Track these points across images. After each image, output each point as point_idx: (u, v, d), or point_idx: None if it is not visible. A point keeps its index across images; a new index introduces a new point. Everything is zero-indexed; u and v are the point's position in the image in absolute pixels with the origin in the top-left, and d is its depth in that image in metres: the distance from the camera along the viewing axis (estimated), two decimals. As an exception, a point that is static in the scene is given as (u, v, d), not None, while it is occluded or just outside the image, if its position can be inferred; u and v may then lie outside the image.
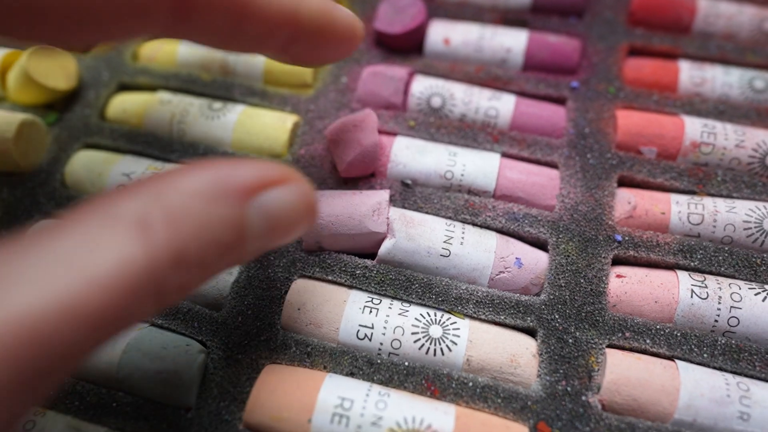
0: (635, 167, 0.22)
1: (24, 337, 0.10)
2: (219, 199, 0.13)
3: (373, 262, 0.20)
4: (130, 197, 0.12)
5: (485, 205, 0.21)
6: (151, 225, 0.12)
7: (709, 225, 0.20)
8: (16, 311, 0.10)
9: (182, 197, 0.12)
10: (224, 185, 0.13)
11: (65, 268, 0.11)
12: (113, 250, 0.11)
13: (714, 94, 0.24)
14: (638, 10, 0.26)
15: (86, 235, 0.11)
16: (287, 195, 0.14)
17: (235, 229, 0.13)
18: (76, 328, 0.11)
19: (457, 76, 0.25)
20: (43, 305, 0.10)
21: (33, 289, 0.10)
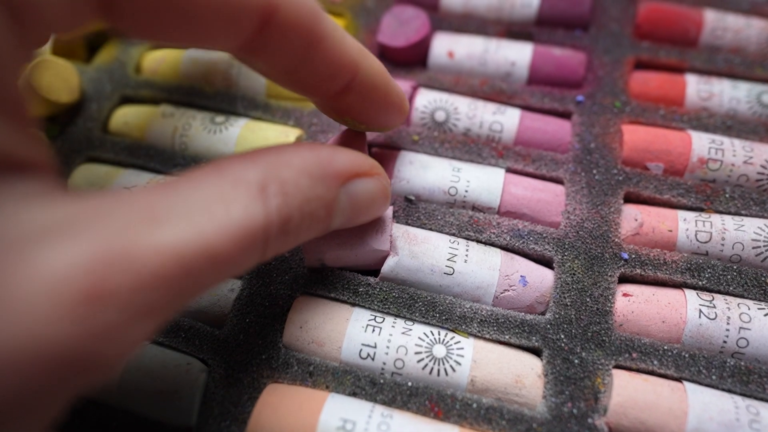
0: (642, 183, 0.22)
1: (171, 266, 0.12)
2: (321, 179, 0.15)
3: (376, 280, 0.20)
4: (252, 164, 0.14)
5: (489, 222, 0.21)
6: (269, 192, 0.14)
7: (717, 243, 0.20)
8: (168, 242, 0.12)
9: (293, 173, 0.15)
10: (325, 168, 0.15)
11: (206, 215, 0.13)
12: (241, 207, 0.13)
13: (722, 109, 0.23)
14: (644, 23, 0.26)
15: (219, 191, 0.13)
16: (372, 186, 0.17)
17: (328, 208, 0.16)
18: (207, 267, 0.12)
19: (461, 89, 0.24)
20: (189, 242, 0.12)
21: (180, 228, 0.12)
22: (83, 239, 0.11)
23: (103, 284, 0.11)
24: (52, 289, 0.10)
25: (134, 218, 0.12)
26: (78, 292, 0.10)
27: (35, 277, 0.10)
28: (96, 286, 0.11)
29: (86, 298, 0.11)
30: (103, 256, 0.11)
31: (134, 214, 0.12)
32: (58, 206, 0.12)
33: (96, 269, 0.11)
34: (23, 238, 0.11)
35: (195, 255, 0.12)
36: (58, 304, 0.10)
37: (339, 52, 0.17)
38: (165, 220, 0.12)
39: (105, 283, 0.11)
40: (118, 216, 0.12)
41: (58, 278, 0.10)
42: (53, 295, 0.10)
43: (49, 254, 0.11)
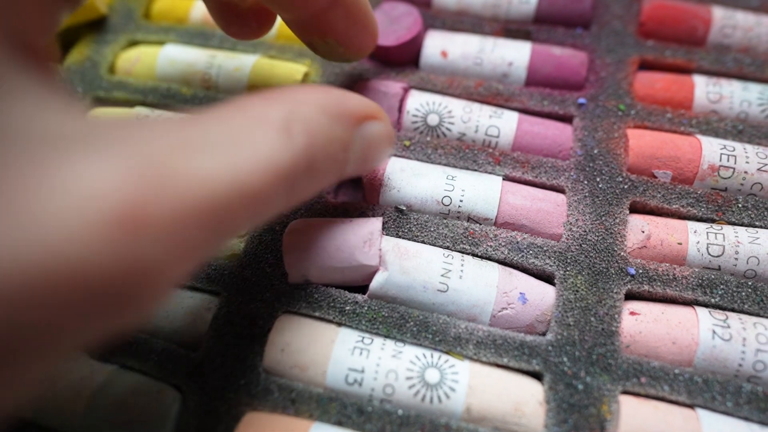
0: (648, 192, 0.20)
1: (209, 198, 0.11)
2: (338, 119, 0.15)
3: (364, 297, 0.19)
4: (275, 103, 0.14)
5: (486, 234, 0.20)
6: (294, 131, 0.13)
7: (730, 257, 0.19)
8: (205, 172, 0.11)
9: (313, 111, 0.14)
10: (342, 108, 0.15)
11: (235, 150, 0.12)
12: (268, 145, 0.13)
13: (732, 112, 0.22)
14: (649, 21, 0.24)
15: (245, 127, 0.13)
16: (381, 129, 0.17)
17: (345, 149, 0.15)
18: (241, 203, 0.12)
19: (456, 91, 0.23)
20: (224, 174, 0.11)
21: (215, 159, 0.11)
22: (114, 156, 0.10)
23: (140, 210, 0.10)
24: (83, 206, 0.09)
25: (169, 145, 0.11)
26: (112, 215, 0.09)
27: (63, 190, 0.09)
28: (132, 211, 0.10)
29: (121, 223, 0.09)
30: (139, 178, 0.10)
31: (168, 139, 0.11)
32: (77, 118, 0.10)
33: (131, 192, 0.10)
34: (41, 144, 0.10)
35: (229, 190, 0.11)
36: (91, 225, 0.09)
37: None
38: (199, 150, 0.11)
39: (142, 210, 0.10)
40: (149, 138, 0.11)
41: (89, 195, 0.09)
42: (85, 214, 0.09)
43: (77, 166, 0.09)
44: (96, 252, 0.09)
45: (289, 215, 0.21)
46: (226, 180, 0.11)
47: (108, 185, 0.10)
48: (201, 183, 0.11)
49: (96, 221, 0.09)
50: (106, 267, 0.09)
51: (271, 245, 0.20)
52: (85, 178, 0.09)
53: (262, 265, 0.20)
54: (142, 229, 0.10)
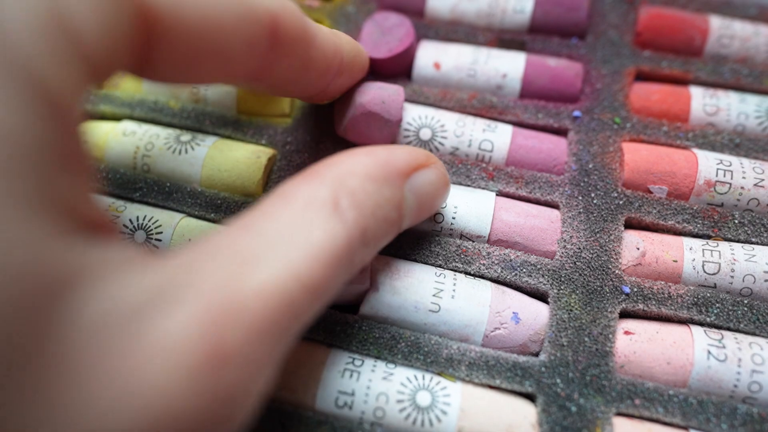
0: (644, 208, 0.20)
1: (276, 307, 0.12)
2: (385, 181, 0.15)
3: (354, 317, 0.19)
4: (318, 183, 0.14)
5: (479, 252, 0.20)
6: (343, 206, 0.14)
7: (726, 275, 0.19)
8: (266, 283, 0.12)
9: (359, 181, 0.15)
10: (387, 168, 0.16)
11: (290, 247, 0.13)
12: (321, 229, 0.13)
13: (729, 125, 0.22)
14: (646, 31, 0.24)
15: (294, 218, 0.13)
16: (432, 176, 0.17)
17: (398, 207, 0.16)
18: (305, 298, 0.12)
19: (449, 104, 0.23)
20: (284, 278, 0.12)
21: (272, 266, 0.12)
22: (189, 301, 0.11)
23: (220, 343, 0.11)
24: (170, 357, 0.10)
25: (227, 268, 0.12)
26: (198, 356, 0.11)
27: (152, 348, 0.10)
28: (214, 346, 0.11)
29: (207, 361, 0.11)
30: (213, 315, 0.11)
31: (226, 263, 0.12)
32: (149, 271, 0.11)
33: (210, 329, 0.11)
34: (131, 311, 0.11)
35: (293, 289, 0.12)
36: (180, 371, 0.10)
37: (326, 43, 0.17)
38: (255, 261, 0.12)
39: (222, 342, 0.11)
40: (212, 269, 0.12)
41: (175, 345, 0.10)
42: (173, 363, 0.10)
43: (161, 322, 0.11)
44: (189, 396, 0.10)
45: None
46: (289, 282, 0.12)
47: (189, 333, 0.11)
48: (266, 295, 0.12)
49: (184, 368, 0.10)
50: (201, 405, 0.11)
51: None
52: (170, 332, 0.11)
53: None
54: (225, 359, 0.11)
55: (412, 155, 0.17)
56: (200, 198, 0.21)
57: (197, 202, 0.21)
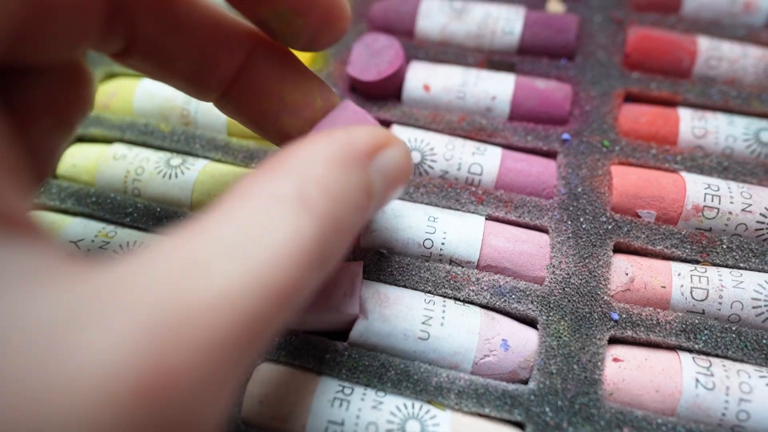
0: (632, 233, 0.21)
1: (230, 321, 0.10)
2: (351, 165, 0.14)
3: (344, 345, 0.19)
4: (281, 175, 0.13)
5: (468, 278, 0.20)
6: (312, 198, 0.12)
7: (714, 301, 0.19)
8: (223, 290, 0.10)
9: (324, 168, 0.13)
10: (350, 151, 0.14)
11: (252, 249, 0.11)
12: (287, 226, 0.12)
13: (717, 148, 0.22)
14: (634, 52, 0.24)
15: (259, 215, 0.12)
16: (397, 154, 0.16)
17: (367, 192, 0.14)
18: (272, 304, 0.11)
19: (439, 126, 0.23)
20: (243, 286, 0.10)
21: (229, 271, 0.10)
22: (120, 316, 0.09)
23: (159, 365, 0.09)
24: (91, 384, 0.08)
25: (172, 277, 0.10)
26: (129, 382, 0.09)
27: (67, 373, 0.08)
28: (151, 369, 0.09)
29: (142, 387, 0.09)
30: (150, 332, 0.09)
31: (171, 271, 0.10)
32: (76, 282, 0.10)
33: (146, 349, 0.09)
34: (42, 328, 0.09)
35: (255, 297, 0.10)
36: (113, 398, 0.08)
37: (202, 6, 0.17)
38: (208, 267, 0.10)
39: (164, 365, 0.09)
40: (153, 279, 0.10)
41: (98, 370, 0.09)
42: (104, 387, 0.08)
43: (80, 343, 0.09)
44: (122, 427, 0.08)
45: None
46: (249, 289, 0.10)
47: (113, 357, 0.09)
48: (220, 306, 0.10)
49: (118, 393, 0.09)
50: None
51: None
52: (86, 356, 0.09)
53: (241, 312, 0.20)
54: (170, 387, 0.09)
55: (372, 134, 0.15)
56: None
57: (187, 227, 0.21)
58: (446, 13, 0.25)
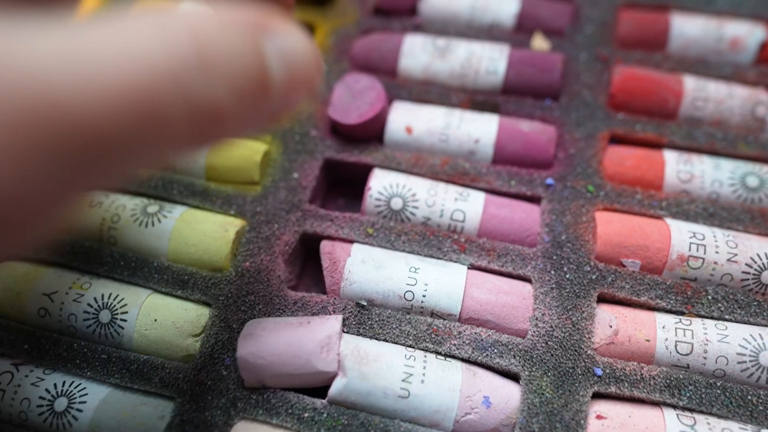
0: (617, 283, 0.20)
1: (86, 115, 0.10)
2: (233, 25, 0.12)
3: (323, 403, 0.19)
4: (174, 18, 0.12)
5: (450, 332, 0.20)
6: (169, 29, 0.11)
7: (699, 356, 0.19)
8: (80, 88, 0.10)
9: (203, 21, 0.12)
10: (236, 18, 0.13)
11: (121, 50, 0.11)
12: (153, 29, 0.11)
13: (703, 192, 0.22)
14: (619, 93, 0.24)
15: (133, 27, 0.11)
16: (299, 40, 0.14)
17: (258, 59, 0.13)
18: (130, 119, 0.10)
19: (421, 170, 0.23)
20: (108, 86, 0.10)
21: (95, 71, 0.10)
22: None
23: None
24: None
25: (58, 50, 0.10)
26: None
27: None
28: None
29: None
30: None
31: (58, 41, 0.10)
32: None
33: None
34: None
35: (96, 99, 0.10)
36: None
37: None
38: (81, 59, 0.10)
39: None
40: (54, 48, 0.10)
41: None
42: None
43: None
44: None
45: (246, 310, 0.20)
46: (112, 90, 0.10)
47: None
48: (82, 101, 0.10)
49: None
50: None
51: (228, 345, 0.20)
52: None
53: (218, 367, 0.20)
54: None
55: (265, 13, 0.14)
56: (167, 273, 0.21)
57: (164, 278, 0.21)
58: (429, 52, 0.25)
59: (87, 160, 0.10)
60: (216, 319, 0.20)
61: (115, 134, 0.10)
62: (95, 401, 0.19)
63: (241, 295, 0.21)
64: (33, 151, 0.09)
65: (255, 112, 0.13)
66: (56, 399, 0.19)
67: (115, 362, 0.20)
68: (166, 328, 0.20)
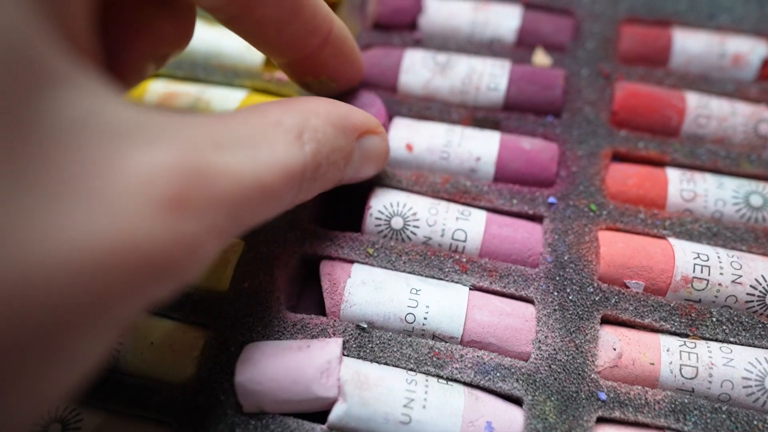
0: (620, 304, 0.20)
1: (234, 190, 0.13)
2: (342, 131, 0.18)
3: (323, 428, 0.19)
4: (288, 110, 0.16)
5: (452, 355, 0.19)
6: (305, 138, 0.16)
7: (704, 380, 0.19)
8: (232, 168, 0.13)
9: (321, 122, 0.17)
10: (345, 120, 0.18)
11: (256, 150, 0.14)
12: (284, 149, 0.15)
13: (707, 211, 0.22)
14: (622, 110, 0.24)
15: (264, 130, 0.15)
16: (379, 143, 0.20)
17: (347, 158, 0.18)
18: (258, 198, 0.14)
19: (422, 188, 0.23)
20: (246, 171, 0.13)
21: (239, 157, 0.13)
22: (163, 147, 0.12)
23: (185, 194, 0.12)
24: (140, 190, 0.11)
25: (201, 139, 0.13)
26: (164, 198, 0.11)
27: (123, 176, 0.11)
28: (180, 195, 0.11)
29: (171, 205, 0.11)
30: (184, 168, 0.12)
31: (200, 135, 0.13)
32: (130, 110, 0.12)
33: (179, 179, 0.12)
34: (108, 132, 0.11)
35: (251, 184, 0.14)
36: (146, 206, 0.11)
37: (319, 3, 0.19)
38: (225, 148, 0.13)
39: (186, 193, 0.12)
40: (188, 134, 0.13)
41: (147, 180, 0.11)
42: (141, 197, 0.11)
43: (135, 155, 0.11)
44: (150, 230, 0.11)
45: (245, 332, 0.20)
46: (249, 176, 0.14)
47: (160, 175, 0.11)
48: (229, 177, 0.13)
49: (151, 204, 0.11)
50: (158, 243, 0.11)
51: (226, 368, 0.20)
52: (141, 166, 0.11)
53: (215, 392, 0.19)
54: (187, 210, 0.12)
55: (367, 118, 0.19)
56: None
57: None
58: (429, 68, 0.25)
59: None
60: (214, 341, 0.20)
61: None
62: (90, 427, 0.19)
63: (239, 317, 0.20)
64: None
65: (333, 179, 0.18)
66: (50, 425, 0.19)
67: (111, 386, 0.20)
68: (162, 350, 0.20)
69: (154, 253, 0.11)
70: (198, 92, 0.26)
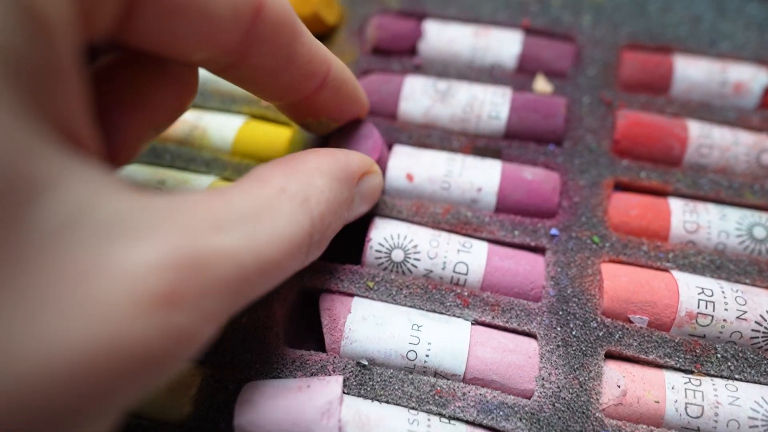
0: (624, 340, 0.20)
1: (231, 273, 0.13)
2: (345, 182, 0.18)
3: (323, 469, 0.18)
4: (292, 175, 0.16)
5: (454, 393, 0.19)
6: (311, 202, 0.16)
7: (709, 419, 0.19)
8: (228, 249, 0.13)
9: (326, 180, 0.17)
10: (346, 171, 0.18)
11: (257, 225, 0.14)
12: (287, 219, 0.15)
13: (710, 243, 0.22)
14: (624, 139, 0.24)
15: (266, 201, 0.15)
16: (375, 182, 0.21)
17: (349, 206, 0.19)
18: (259, 274, 0.14)
19: (423, 219, 0.23)
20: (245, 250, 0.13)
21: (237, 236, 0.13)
22: (156, 240, 0.12)
23: (177, 288, 0.12)
24: (130, 289, 0.11)
25: (197, 223, 0.13)
26: (155, 295, 0.11)
27: (114, 275, 0.11)
28: (171, 289, 0.12)
29: (162, 301, 0.11)
30: (178, 260, 0.12)
31: (197, 218, 0.13)
32: (124, 200, 0.12)
33: (172, 273, 0.12)
34: (99, 229, 0.11)
35: (251, 263, 0.13)
36: (136, 305, 0.11)
37: (315, 47, 0.19)
38: (224, 227, 0.13)
39: (179, 287, 0.12)
40: (183, 219, 0.13)
41: (136, 278, 0.11)
42: (131, 296, 0.11)
43: (126, 252, 0.11)
44: (139, 329, 0.11)
45: (243, 369, 0.20)
46: (248, 255, 0.13)
47: (151, 271, 0.11)
48: (226, 260, 0.13)
49: (141, 303, 0.11)
50: (149, 340, 0.11)
51: (224, 407, 0.19)
52: (132, 263, 0.11)
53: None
54: (178, 304, 0.12)
55: (363, 161, 0.20)
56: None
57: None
58: (430, 95, 0.25)
59: None
60: (211, 379, 0.20)
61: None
62: (85, 469, 0.19)
63: (237, 353, 0.20)
64: None
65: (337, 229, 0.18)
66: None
67: (106, 426, 0.19)
68: (158, 389, 0.20)
69: (144, 350, 0.11)
70: (195, 119, 0.25)
